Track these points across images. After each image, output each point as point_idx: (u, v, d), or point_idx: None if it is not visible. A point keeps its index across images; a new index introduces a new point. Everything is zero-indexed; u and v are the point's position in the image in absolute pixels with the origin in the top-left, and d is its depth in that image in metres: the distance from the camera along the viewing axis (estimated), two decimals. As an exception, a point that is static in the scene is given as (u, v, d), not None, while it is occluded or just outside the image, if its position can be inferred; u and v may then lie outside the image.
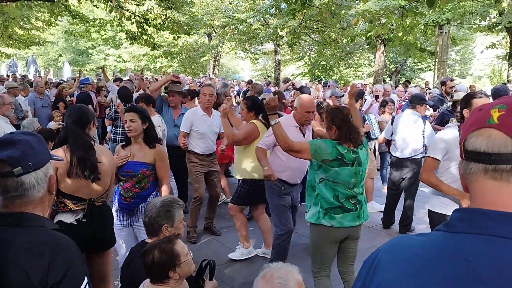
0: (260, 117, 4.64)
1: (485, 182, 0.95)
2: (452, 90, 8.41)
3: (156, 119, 5.20)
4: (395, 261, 0.98)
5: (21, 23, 17.50)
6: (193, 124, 5.19)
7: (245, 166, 4.64)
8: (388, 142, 6.01)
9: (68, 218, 2.97)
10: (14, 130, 5.15)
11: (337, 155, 3.19)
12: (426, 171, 3.46)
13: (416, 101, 5.68)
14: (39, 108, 8.69)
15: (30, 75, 20.02)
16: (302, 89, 7.72)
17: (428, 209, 3.56)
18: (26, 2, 12.36)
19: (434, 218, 3.47)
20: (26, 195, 1.51)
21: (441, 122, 6.80)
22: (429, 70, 31.76)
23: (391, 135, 5.78)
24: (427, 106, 6.34)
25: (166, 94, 6.42)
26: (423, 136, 5.52)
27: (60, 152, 2.88)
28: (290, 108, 6.30)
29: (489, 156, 0.93)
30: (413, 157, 5.50)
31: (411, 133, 5.50)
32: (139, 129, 3.50)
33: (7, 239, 1.47)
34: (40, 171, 1.53)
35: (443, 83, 8.94)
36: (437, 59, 18.26)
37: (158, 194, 3.59)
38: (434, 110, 8.43)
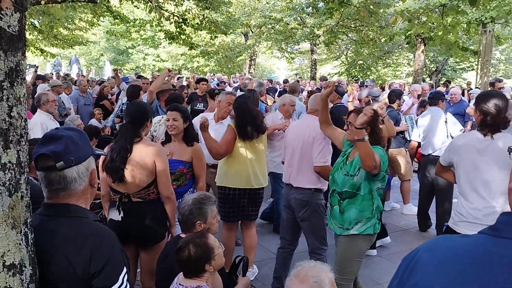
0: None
1: None
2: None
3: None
4: (434, 261, 0.97)
5: (66, 24, 18.13)
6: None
7: (221, 171, 4.22)
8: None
9: (115, 215, 3.11)
10: (58, 126, 5.36)
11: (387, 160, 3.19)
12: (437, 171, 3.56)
13: (438, 98, 5.68)
14: (81, 106, 8.98)
15: (73, 74, 20.74)
16: (337, 89, 7.60)
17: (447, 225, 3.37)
18: (70, 3, 12.83)
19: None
20: (69, 188, 1.58)
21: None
22: (472, 70, 30.64)
23: (419, 136, 5.76)
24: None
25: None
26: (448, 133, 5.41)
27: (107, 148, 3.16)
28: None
29: None
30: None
31: (439, 130, 5.39)
32: (181, 127, 3.65)
33: (53, 228, 1.54)
34: (81, 166, 1.60)
35: (491, 84, 8.75)
36: (480, 59, 17.60)
37: (195, 190, 3.67)
38: None
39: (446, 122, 5.43)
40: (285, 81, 15.65)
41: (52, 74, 17.92)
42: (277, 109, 5.80)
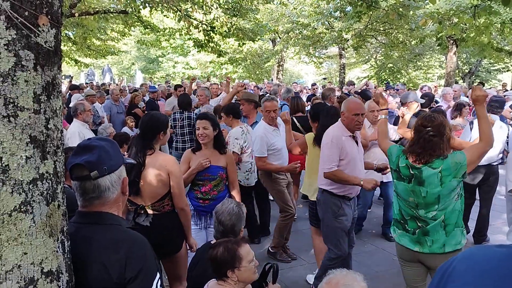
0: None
1: None
2: None
3: (237, 130, 4.94)
4: (471, 272, 0.96)
5: (98, 35, 18.65)
6: (268, 144, 4.82)
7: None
8: None
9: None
10: (93, 135, 5.52)
11: (395, 167, 3.02)
12: None
13: (497, 105, 5.42)
14: (114, 114, 9.20)
15: (107, 83, 21.29)
16: (364, 93, 7.49)
17: None
18: (103, 15, 13.21)
19: None
20: (103, 196, 1.63)
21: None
22: (507, 71, 29.73)
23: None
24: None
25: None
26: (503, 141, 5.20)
27: None
28: None
29: None
30: (490, 164, 5.19)
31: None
32: (211, 135, 3.69)
33: (88, 236, 1.60)
34: (114, 174, 1.65)
35: None
36: (516, 59, 17.03)
37: (231, 196, 3.75)
38: None
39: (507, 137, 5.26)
40: (313, 84, 15.61)
41: (87, 84, 18.46)
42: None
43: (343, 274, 1.76)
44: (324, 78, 28.16)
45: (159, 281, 1.60)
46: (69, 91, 11.10)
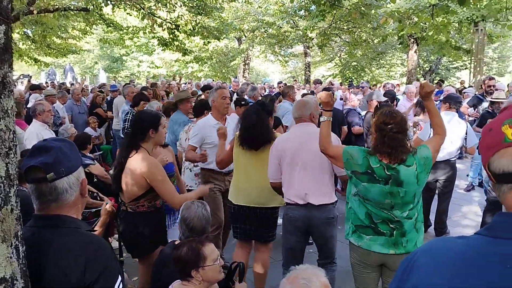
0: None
1: None
2: (491, 89, 8.23)
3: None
4: (433, 263, 0.98)
5: (59, 33, 18.09)
6: (205, 137, 4.36)
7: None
8: None
9: None
10: (54, 136, 5.35)
11: (366, 169, 2.75)
12: None
13: (452, 102, 5.56)
14: (76, 115, 8.97)
15: (67, 83, 20.71)
16: (327, 90, 7.56)
17: None
18: (63, 12, 12.82)
19: None
20: (60, 198, 1.58)
21: (481, 123, 6.68)
22: (465, 68, 30.78)
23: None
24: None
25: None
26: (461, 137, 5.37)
27: None
28: None
29: None
30: (448, 160, 5.36)
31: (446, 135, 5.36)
32: None
33: (46, 240, 1.54)
34: (72, 176, 1.60)
35: (483, 82, 8.87)
36: (473, 57, 17.68)
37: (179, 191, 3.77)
38: (474, 109, 8.31)
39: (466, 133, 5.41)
40: (279, 83, 15.70)
41: (47, 83, 17.87)
42: None
43: (303, 268, 1.77)
44: (293, 77, 28.33)
45: (121, 284, 1.57)
46: (30, 91, 10.71)
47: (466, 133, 5.33)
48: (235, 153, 3.74)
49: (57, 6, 12.80)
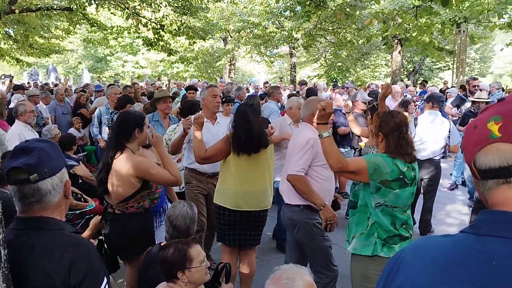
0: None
1: (506, 191, 0.95)
2: (475, 89, 8.39)
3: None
4: (419, 262, 0.99)
5: (41, 32, 17.82)
6: (190, 136, 4.06)
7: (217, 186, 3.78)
8: None
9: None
10: (36, 137, 5.27)
11: (398, 174, 2.64)
12: None
13: (434, 101, 5.63)
14: (59, 115, 8.83)
15: (50, 83, 20.42)
16: (309, 92, 7.57)
17: None
18: (45, 11, 12.64)
19: None
20: (43, 200, 1.55)
21: (463, 123, 6.81)
22: (448, 69, 31.23)
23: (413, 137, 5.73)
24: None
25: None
26: (445, 136, 5.44)
27: None
28: None
29: (507, 170, 0.93)
30: (432, 158, 5.43)
31: (430, 134, 5.43)
32: None
33: (29, 243, 1.51)
34: (55, 177, 1.57)
35: (467, 82, 9.06)
36: (455, 58, 17.95)
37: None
38: (457, 109, 8.46)
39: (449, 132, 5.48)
40: (265, 83, 15.72)
41: (29, 83, 17.59)
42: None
43: (286, 268, 1.76)
44: (280, 78, 28.35)
45: (107, 285, 1.55)
46: (13, 91, 10.52)
47: (449, 132, 5.41)
48: (231, 157, 3.54)
49: (39, 5, 12.63)
